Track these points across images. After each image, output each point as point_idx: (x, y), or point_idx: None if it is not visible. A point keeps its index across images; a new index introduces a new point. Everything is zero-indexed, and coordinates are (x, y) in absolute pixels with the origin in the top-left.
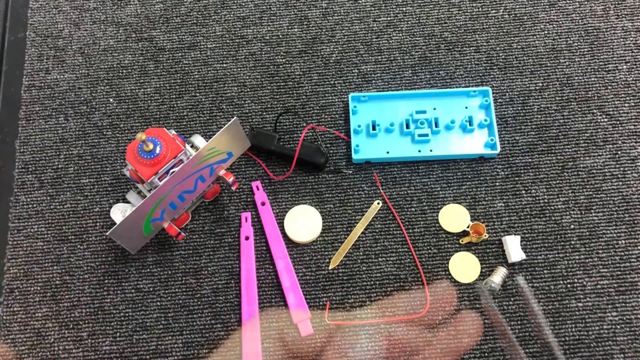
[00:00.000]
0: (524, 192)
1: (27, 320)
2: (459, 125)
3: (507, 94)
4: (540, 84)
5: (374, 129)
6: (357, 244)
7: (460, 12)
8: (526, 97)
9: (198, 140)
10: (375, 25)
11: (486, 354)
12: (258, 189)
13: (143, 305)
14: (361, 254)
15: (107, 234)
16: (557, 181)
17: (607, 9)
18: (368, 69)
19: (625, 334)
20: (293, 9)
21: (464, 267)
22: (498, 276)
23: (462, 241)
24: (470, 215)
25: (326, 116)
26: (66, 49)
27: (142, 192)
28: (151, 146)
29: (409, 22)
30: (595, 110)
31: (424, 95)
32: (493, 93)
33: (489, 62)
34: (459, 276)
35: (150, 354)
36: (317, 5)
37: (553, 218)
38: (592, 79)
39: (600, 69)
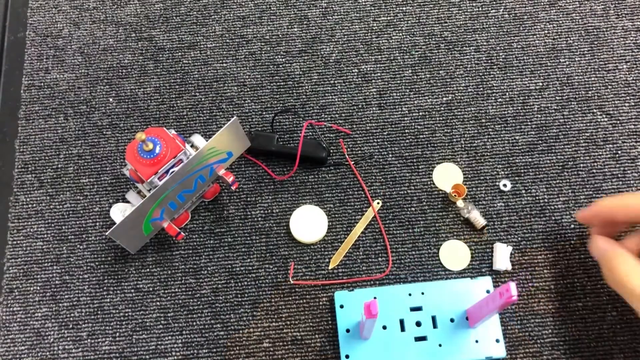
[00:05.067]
0: (524, 192)
1: (27, 320)
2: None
3: (507, 94)
4: (540, 84)
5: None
6: (357, 244)
7: (460, 11)
8: (526, 97)
9: (198, 140)
10: (375, 25)
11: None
12: None
13: (143, 305)
14: (361, 254)
15: (106, 233)
16: (557, 181)
17: (607, 8)
18: (368, 69)
19: (625, 334)
20: (293, 8)
21: (454, 254)
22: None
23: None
24: None
25: (326, 115)
26: (66, 49)
27: (141, 191)
28: (151, 146)
29: (409, 22)
30: (595, 110)
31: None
32: (493, 93)
33: (489, 62)
34: (449, 264)
35: (150, 354)
36: (317, 5)
37: (553, 218)
38: (592, 79)
39: (600, 69)
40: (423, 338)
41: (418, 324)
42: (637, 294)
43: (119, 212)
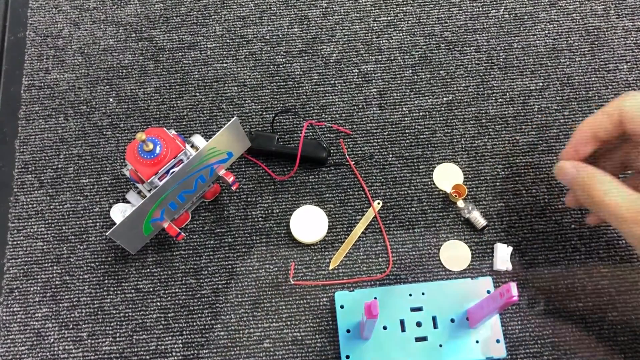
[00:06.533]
0: (524, 192)
1: (27, 321)
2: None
3: (507, 94)
4: (541, 84)
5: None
6: (357, 244)
7: (460, 12)
8: (526, 97)
9: (198, 140)
10: (375, 25)
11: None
12: None
13: (143, 306)
14: (361, 254)
15: (107, 234)
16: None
17: (608, 8)
18: (368, 69)
19: (626, 334)
20: (293, 8)
21: (455, 255)
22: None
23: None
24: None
25: (326, 116)
26: (66, 49)
27: (142, 192)
28: (151, 146)
29: (409, 22)
30: (595, 110)
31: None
32: (493, 93)
33: (489, 62)
34: (450, 264)
35: (150, 354)
36: (317, 5)
37: (553, 218)
38: (593, 79)
39: (600, 69)
40: (424, 338)
41: (418, 324)
42: (618, 212)
43: (119, 213)
